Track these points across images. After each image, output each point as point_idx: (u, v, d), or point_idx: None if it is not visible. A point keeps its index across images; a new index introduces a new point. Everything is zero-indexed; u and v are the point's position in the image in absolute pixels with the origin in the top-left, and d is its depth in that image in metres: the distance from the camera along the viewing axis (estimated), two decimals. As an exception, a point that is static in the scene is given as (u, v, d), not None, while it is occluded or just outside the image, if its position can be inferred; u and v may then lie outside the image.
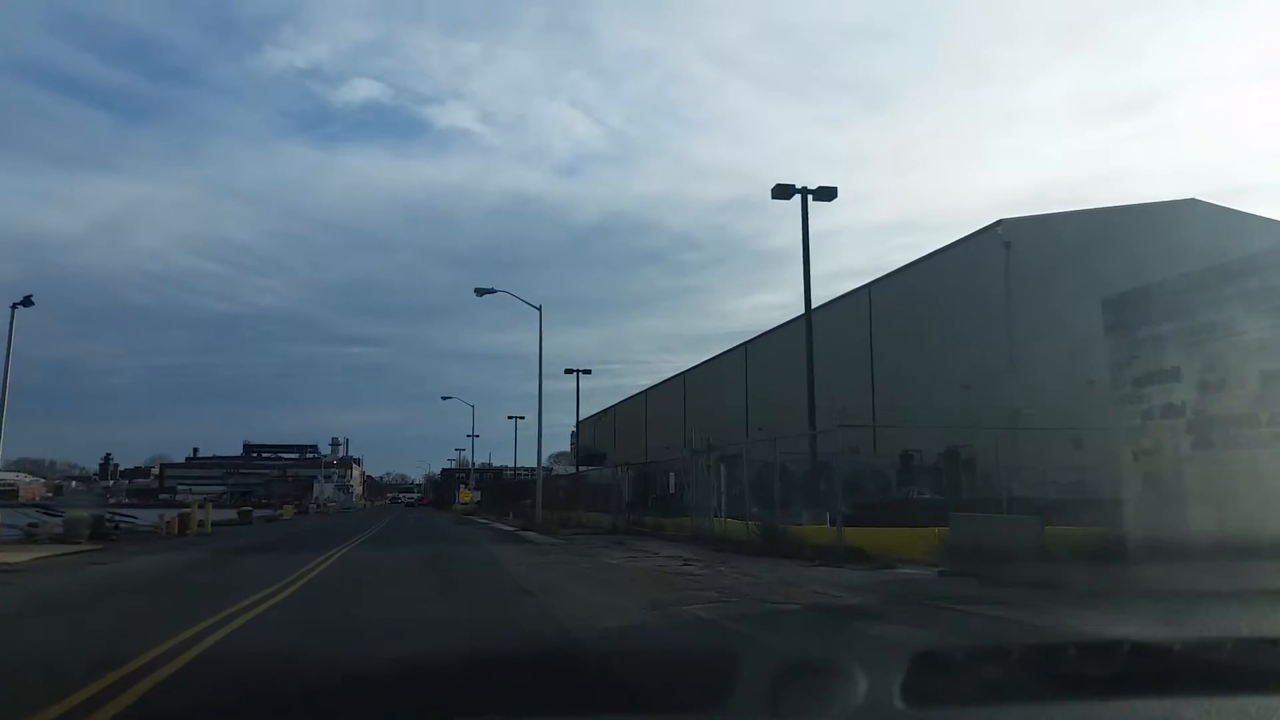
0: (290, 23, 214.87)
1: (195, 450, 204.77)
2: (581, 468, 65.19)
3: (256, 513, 60.54)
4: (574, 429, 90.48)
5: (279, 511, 65.14)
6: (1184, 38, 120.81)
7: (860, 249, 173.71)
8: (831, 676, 5.22)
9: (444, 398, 71.79)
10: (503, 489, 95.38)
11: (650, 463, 37.59)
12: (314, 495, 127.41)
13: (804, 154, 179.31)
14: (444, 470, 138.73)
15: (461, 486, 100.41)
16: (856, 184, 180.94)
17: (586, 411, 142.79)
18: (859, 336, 57.75)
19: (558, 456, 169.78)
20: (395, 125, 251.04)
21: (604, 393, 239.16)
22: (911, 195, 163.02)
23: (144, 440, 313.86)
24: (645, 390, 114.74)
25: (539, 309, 37.98)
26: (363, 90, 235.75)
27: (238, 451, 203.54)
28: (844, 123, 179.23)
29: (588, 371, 44.70)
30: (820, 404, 28.62)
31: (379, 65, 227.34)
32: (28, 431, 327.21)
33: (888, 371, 54.77)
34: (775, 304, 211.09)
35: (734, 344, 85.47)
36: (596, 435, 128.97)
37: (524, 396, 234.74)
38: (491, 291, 37.39)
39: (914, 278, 55.07)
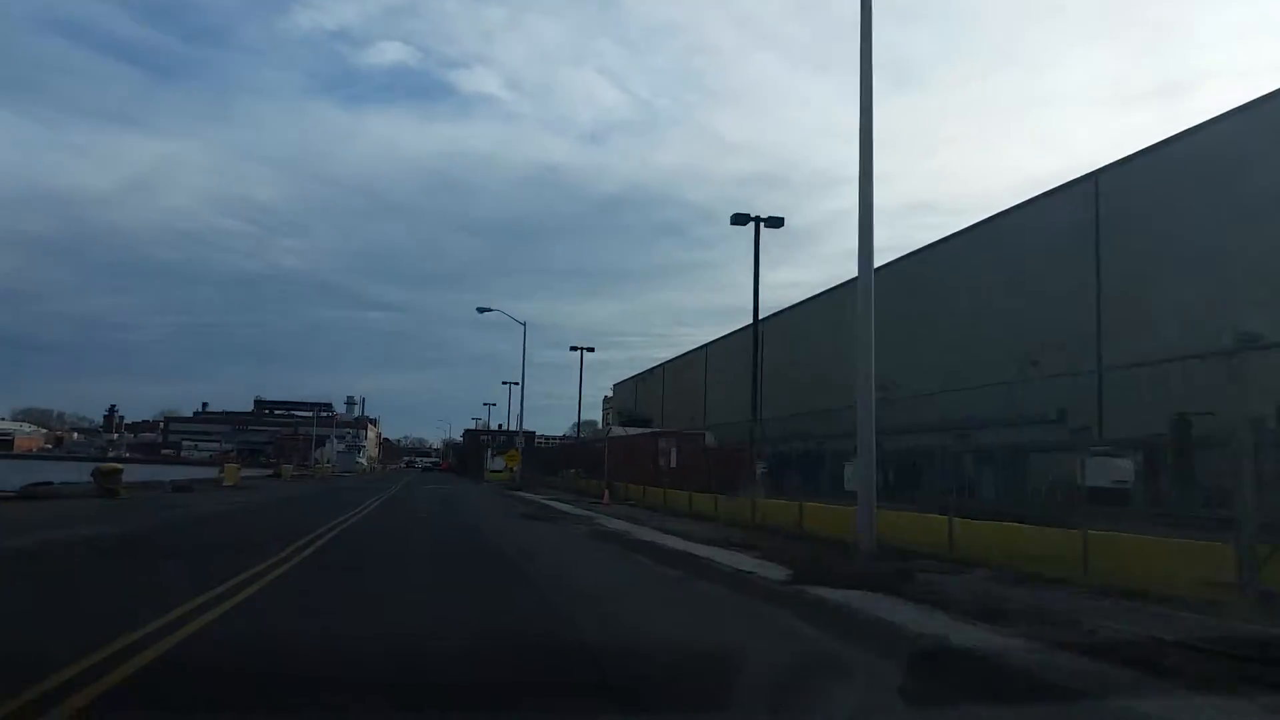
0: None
1: (204, 405, 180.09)
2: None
3: (202, 474, 34.64)
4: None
5: (220, 473, 38.52)
6: (1216, 27, 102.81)
7: (883, 227, 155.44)
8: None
9: (481, 309, 45.52)
10: (542, 456, 69.41)
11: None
12: (325, 455, 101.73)
13: (829, 130, 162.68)
14: (467, 431, 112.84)
15: (490, 451, 73.75)
16: (880, 162, 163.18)
17: (617, 377, 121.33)
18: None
19: (585, 426, 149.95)
20: (421, 89, 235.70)
21: (619, 365, 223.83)
22: (936, 175, 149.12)
23: (162, 396, 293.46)
24: (705, 345, 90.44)
25: None
26: (389, 53, 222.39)
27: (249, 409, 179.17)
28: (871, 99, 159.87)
29: (778, 222, 16.56)
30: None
31: (406, 27, 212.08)
32: (46, 383, 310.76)
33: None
34: (795, 281, 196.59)
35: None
36: (639, 398, 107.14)
37: (541, 365, 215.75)
38: None
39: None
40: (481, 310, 46.31)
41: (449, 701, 5.27)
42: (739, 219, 20.99)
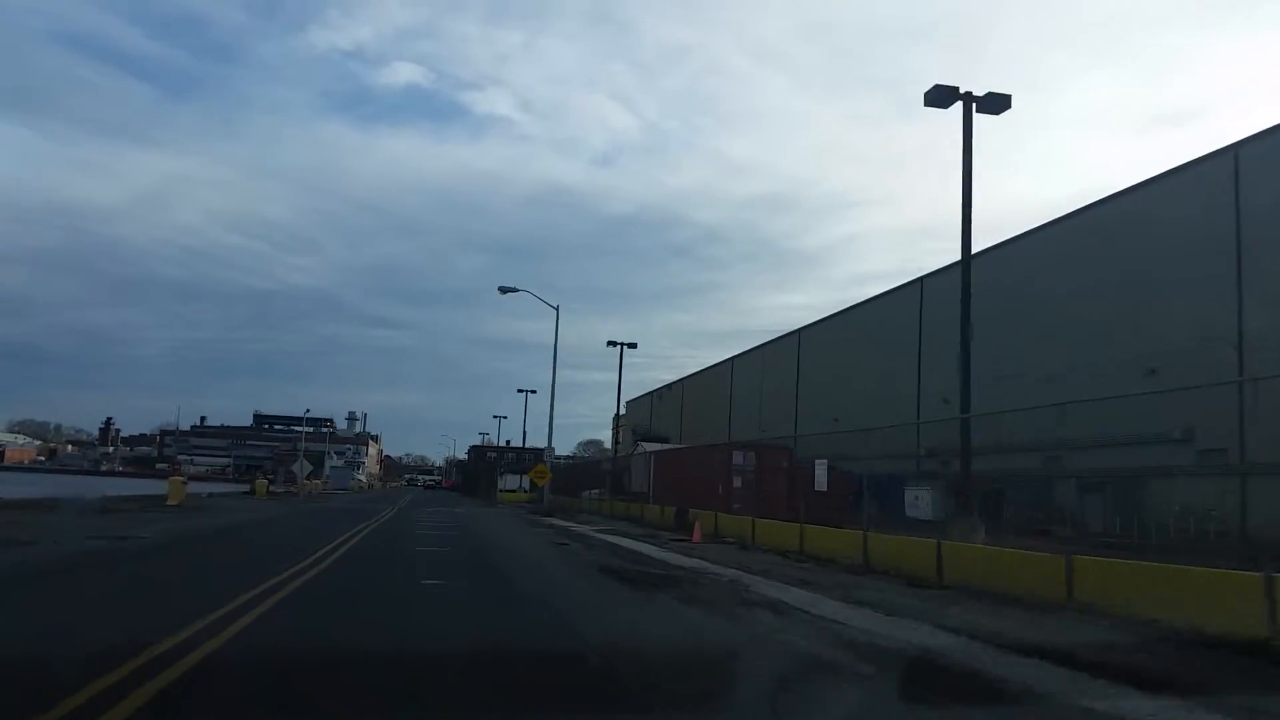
0: (335, 4, 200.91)
1: (202, 419, 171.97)
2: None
3: (121, 489, 26.61)
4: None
5: (165, 492, 29.64)
6: (1227, 52, 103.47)
7: (889, 252, 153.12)
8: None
9: (504, 289, 37.03)
10: (557, 475, 60.56)
11: None
12: (305, 468, 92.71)
13: (836, 152, 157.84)
14: (472, 448, 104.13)
15: (501, 469, 64.78)
16: (887, 186, 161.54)
17: (623, 397, 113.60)
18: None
19: (586, 445, 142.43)
20: (434, 109, 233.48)
21: (626, 385, 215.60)
22: (944, 198, 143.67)
23: (163, 410, 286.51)
24: (730, 359, 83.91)
25: None
26: (403, 73, 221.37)
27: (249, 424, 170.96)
28: (878, 122, 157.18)
29: (1000, 102, 6.48)
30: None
31: (420, 49, 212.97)
32: (46, 395, 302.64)
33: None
34: (800, 304, 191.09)
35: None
36: (654, 416, 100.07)
37: (546, 384, 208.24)
38: None
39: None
40: (504, 290, 37.75)
41: None
42: (939, 96, 12.32)
